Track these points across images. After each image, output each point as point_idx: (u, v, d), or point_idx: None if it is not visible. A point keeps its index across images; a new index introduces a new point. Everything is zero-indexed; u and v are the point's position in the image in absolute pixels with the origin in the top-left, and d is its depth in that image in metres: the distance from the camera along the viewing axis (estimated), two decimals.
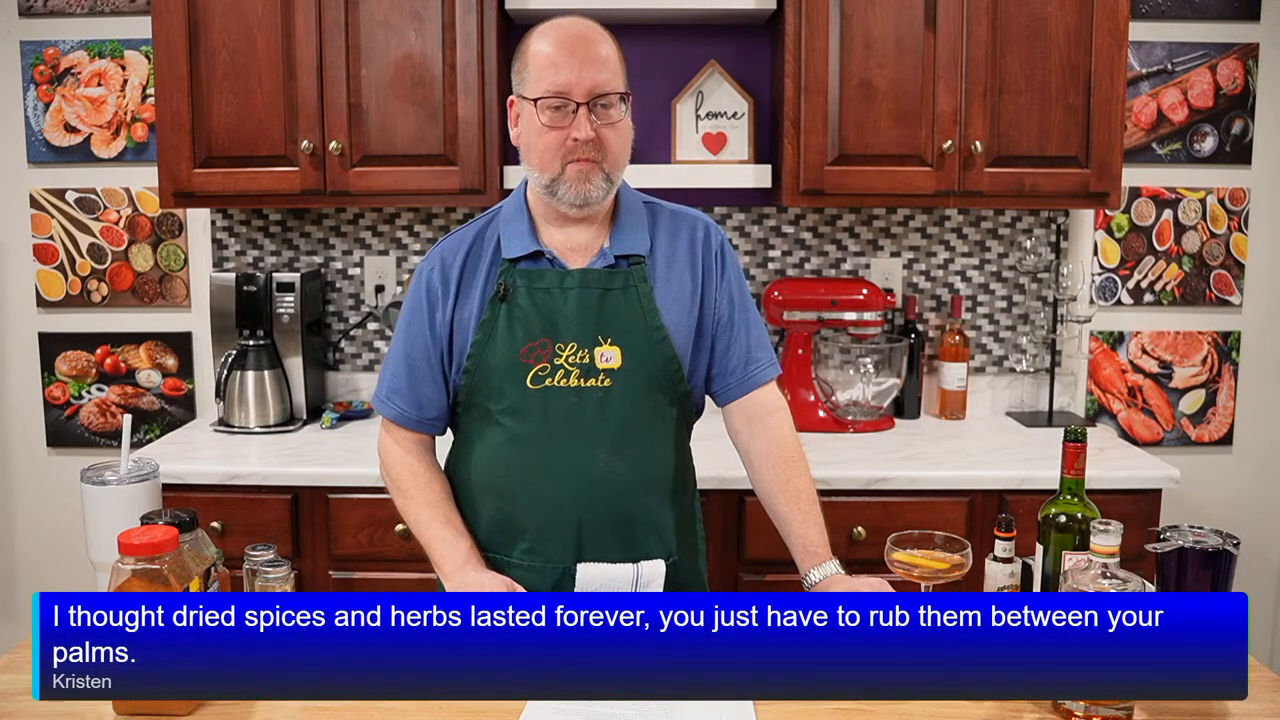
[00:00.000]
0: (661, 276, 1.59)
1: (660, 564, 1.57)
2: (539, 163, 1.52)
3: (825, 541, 1.57)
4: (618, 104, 1.51)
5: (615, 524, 1.55)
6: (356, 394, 2.85)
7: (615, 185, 1.55)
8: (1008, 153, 2.44)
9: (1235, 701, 1.23)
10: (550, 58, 1.48)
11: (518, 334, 1.53)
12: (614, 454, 1.54)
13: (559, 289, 1.54)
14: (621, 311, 1.55)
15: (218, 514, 2.27)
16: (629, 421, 1.54)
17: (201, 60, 2.42)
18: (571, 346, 1.53)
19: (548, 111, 1.48)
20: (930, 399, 2.82)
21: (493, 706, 1.25)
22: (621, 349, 1.53)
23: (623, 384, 1.53)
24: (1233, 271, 2.86)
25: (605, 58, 1.49)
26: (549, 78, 1.47)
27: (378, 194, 2.48)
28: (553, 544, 1.55)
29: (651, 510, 1.58)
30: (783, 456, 1.62)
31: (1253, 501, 2.93)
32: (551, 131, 1.49)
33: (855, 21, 2.40)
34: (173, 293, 2.86)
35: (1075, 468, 1.47)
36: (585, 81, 1.47)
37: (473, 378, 1.56)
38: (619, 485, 1.54)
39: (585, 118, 1.47)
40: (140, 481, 1.51)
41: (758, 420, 1.64)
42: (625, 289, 1.55)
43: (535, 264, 1.57)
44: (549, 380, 1.52)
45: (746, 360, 1.63)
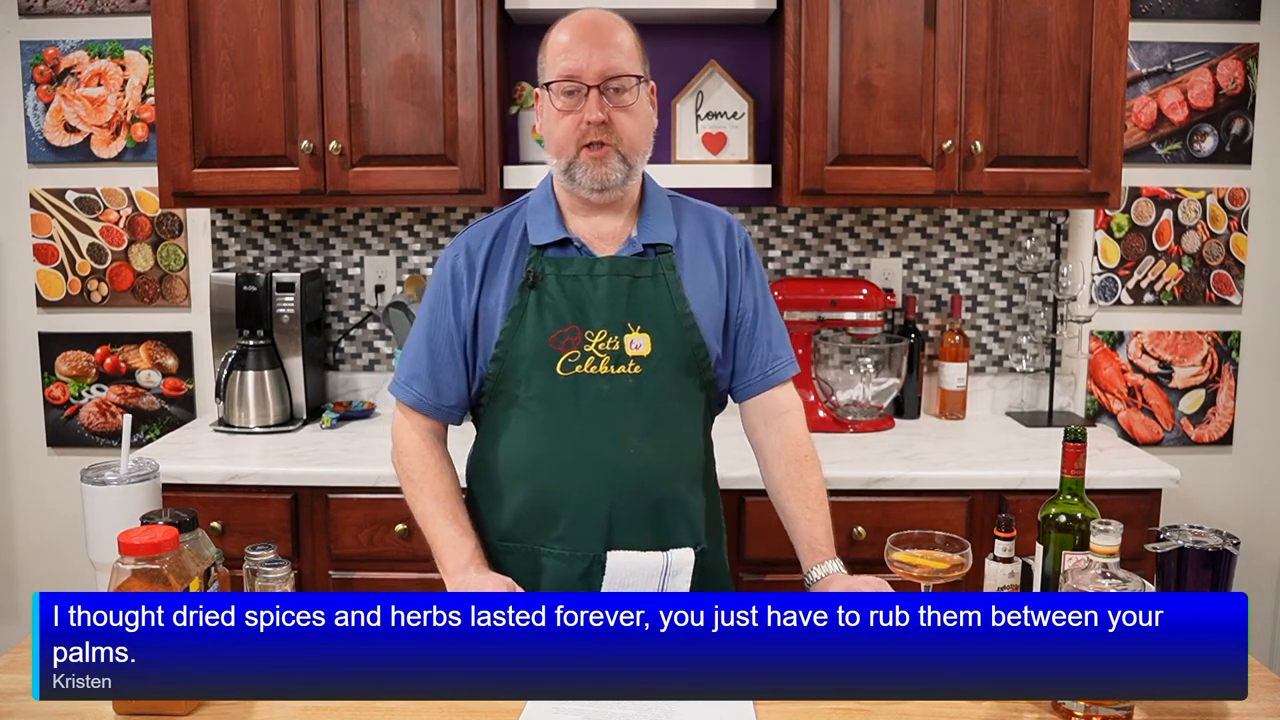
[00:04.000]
0: (688, 266, 1.60)
1: (689, 552, 1.57)
2: (556, 148, 1.54)
3: (830, 540, 1.58)
4: (632, 88, 1.52)
5: (646, 510, 1.55)
6: (356, 394, 2.85)
7: (635, 170, 1.56)
8: (1008, 153, 2.44)
9: (1235, 701, 1.23)
10: (565, 45, 1.51)
11: (547, 321, 1.54)
12: (644, 440, 1.54)
13: (588, 276, 1.55)
14: (650, 299, 1.56)
15: (218, 514, 2.26)
16: (659, 408, 1.55)
17: (201, 60, 2.42)
18: (602, 333, 1.54)
19: (561, 96, 1.51)
20: (930, 399, 2.82)
21: (493, 706, 1.25)
22: (651, 336, 1.54)
23: (652, 371, 1.54)
24: (1233, 271, 2.86)
25: (619, 43, 1.52)
26: (562, 63, 1.51)
27: (378, 194, 2.48)
28: (584, 531, 1.55)
29: (681, 497, 1.59)
30: (795, 455, 1.63)
31: (1253, 501, 2.93)
32: (566, 116, 1.51)
33: (855, 21, 2.40)
34: (173, 293, 2.86)
35: (1075, 468, 1.47)
36: (596, 65, 1.49)
37: (502, 365, 1.57)
38: (650, 472, 1.55)
39: (596, 101, 1.49)
40: (140, 481, 1.50)
41: (773, 418, 1.66)
42: (654, 277, 1.57)
43: (563, 251, 1.58)
44: (579, 367, 1.53)
45: (768, 358, 1.65)
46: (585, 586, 1.54)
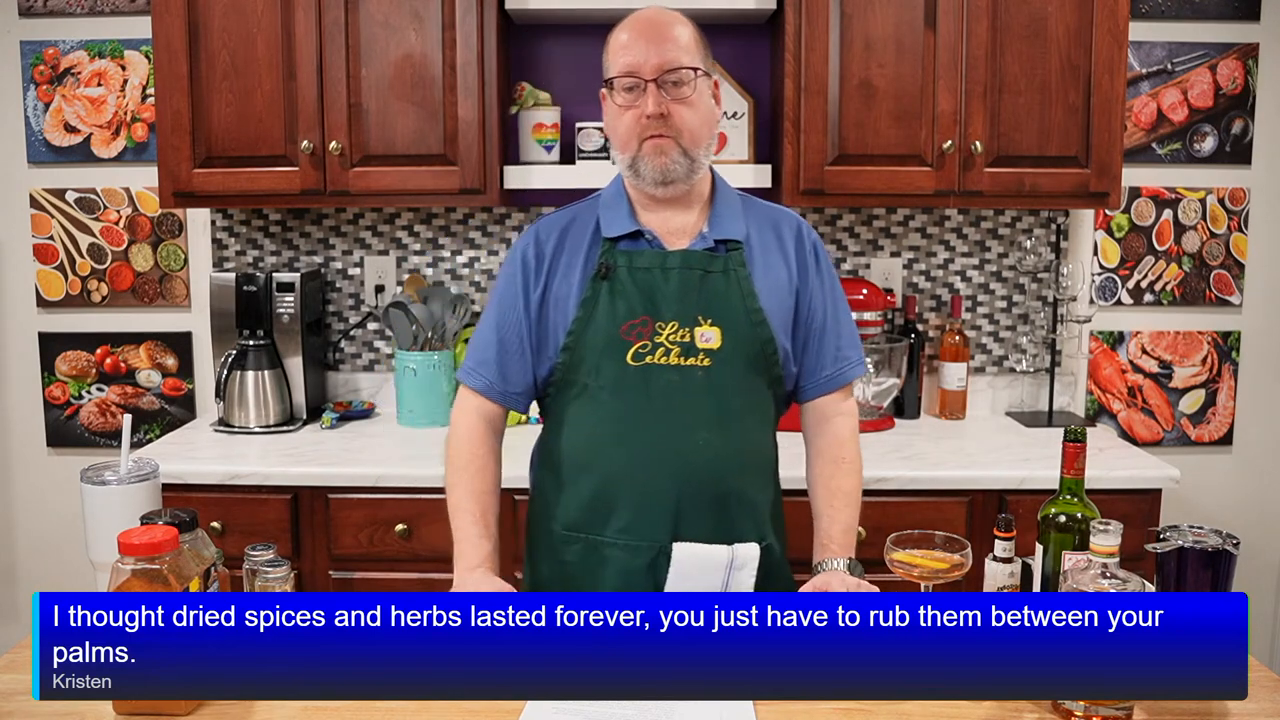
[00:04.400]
0: (758, 263, 1.62)
1: (754, 547, 1.57)
2: (620, 143, 1.58)
3: (846, 540, 1.60)
4: (690, 80, 1.54)
5: (712, 503, 1.56)
6: (356, 394, 2.85)
7: (698, 163, 1.58)
8: (1008, 153, 2.44)
9: (1235, 701, 1.23)
10: (624, 42, 1.56)
11: (619, 311, 1.56)
12: (713, 433, 1.55)
13: (660, 269, 1.57)
14: (721, 293, 1.57)
15: (218, 514, 2.26)
16: (728, 401, 1.56)
17: (201, 60, 2.42)
18: (672, 325, 1.55)
19: (621, 93, 1.55)
20: (930, 399, 2.82)
21: (493, 706, 1.25)
22: (721, 330, 1.56)
23: (722, 364, 1.55)
24: (1232, 271, 2.86)
25: (676, 37, 1.55)
26: (621, 60, 1.54)
27: (378, 194, 2.48)
28: (650, 521, 1.55)
29: (747, 491, 1.60)
30: (834, 456, 1.66)
31: (1253, 501, 2.93)
32: (627, 111, 1.55)
33: (855, 21, 2.40)
34: (173, 293, 2.86)
35: (1075, 468, 1.47)
36: (653, 59, 1.52)
37: (572, 354, 1.58)
38: (717, 464, 1.56)
39: (653, 94, 1.52)
40: (140, 481, 1.50)
41: (826, 421, 1.68)
42: (725, 272, 1.58)
43: (635, 244, 1.60)
44: (649, 358, 1.54)
45: (836, 358, 1.67)
46: (650, 578, 1.54)
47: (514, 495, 2.28)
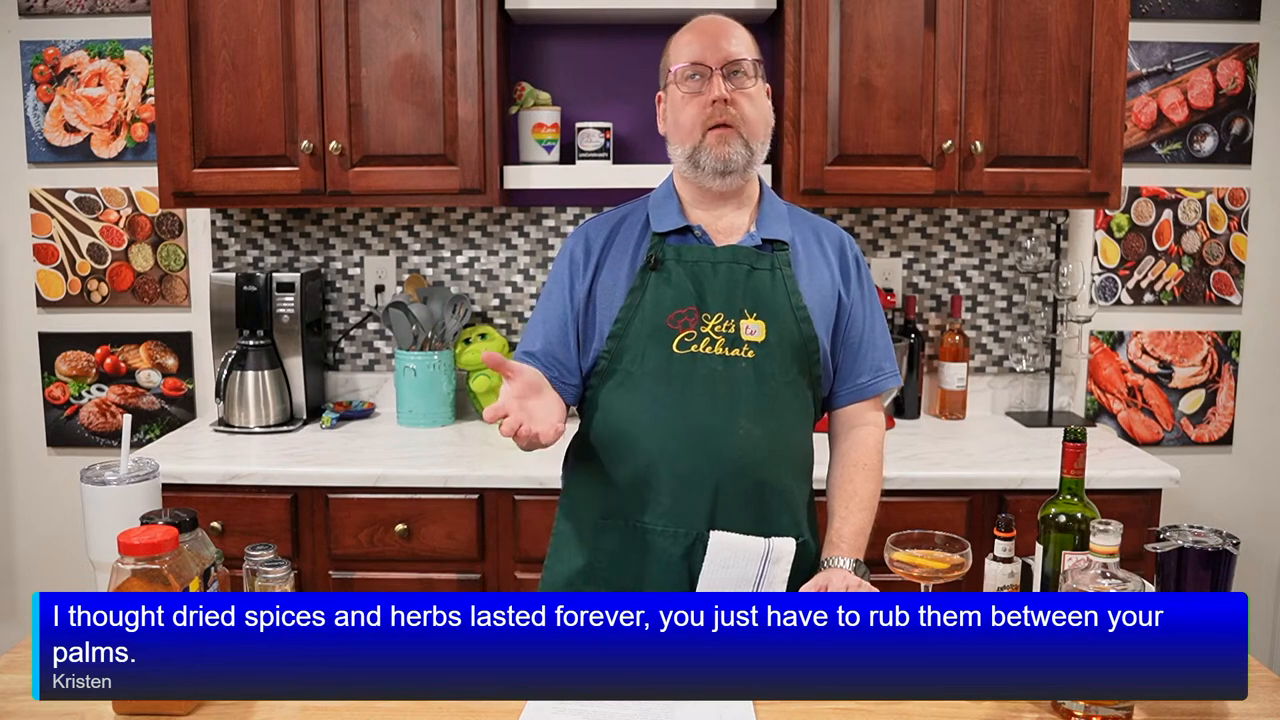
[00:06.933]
0: (803, 265, 1.64)
1: (791, 542, 1.58)
2: (683, 135, 1.60)
3: (856, 541, 1.60)
4: (752, 75, 1.59)
5: (749, 492, 1.57)
6: (356, 394, 2.85)
7: (755, 156, 1.61)
8: (1008, 153, 2.44)
9: (1235, 701, 1.23)
10: (687, 39, 1.61)
11: (666, 300, 1.58)
12: (754, 423, 1.57)
13: (708, 263, 1.60)
14: (767, 288, 1.59)
15: (218, 514, 2.26)
16: (770, 394, 1.58)
17: (201, 60, 2.42)
18: (719, 317, 1.57)
19: (686, 82, 1.59)
20: (930, 399, 2.82)
21: (493, 706, 1.25)
22: (766, 324, 1.58)
23: (766, 356, 1.57)
24: (1232, 271, 2.86)
25: (738, 35, 1.60)
26: (686, 53, 1.59)
27: (378, 194, 2.48)
28: (688, 507, 1.56)
29: (786, 485, 1.61)
30: (855, 461, 1.68)
31: (1253, 501, 2.93)
32: (691, 100, 1.58)
33: (855, 21, 2.40)
34: (173, 293, 2.86)
35: (1075, 468, 1.47)
36: (719, 51, 1.57)
37: (619, 341, 1.60)
38: (757, 454, 1.57)
39: (720, 81, 1.57)
40: (140, 481, 1.50)
41: (852, 429, 1.70)
42: (771, 270, 1.61)
43: (684, 239, 1.63)
44: (695, 346, 1.57)
45: (869, 369, 1.69)
46: (687, 566, 1.55)
47: (514, 495, 2.28)
